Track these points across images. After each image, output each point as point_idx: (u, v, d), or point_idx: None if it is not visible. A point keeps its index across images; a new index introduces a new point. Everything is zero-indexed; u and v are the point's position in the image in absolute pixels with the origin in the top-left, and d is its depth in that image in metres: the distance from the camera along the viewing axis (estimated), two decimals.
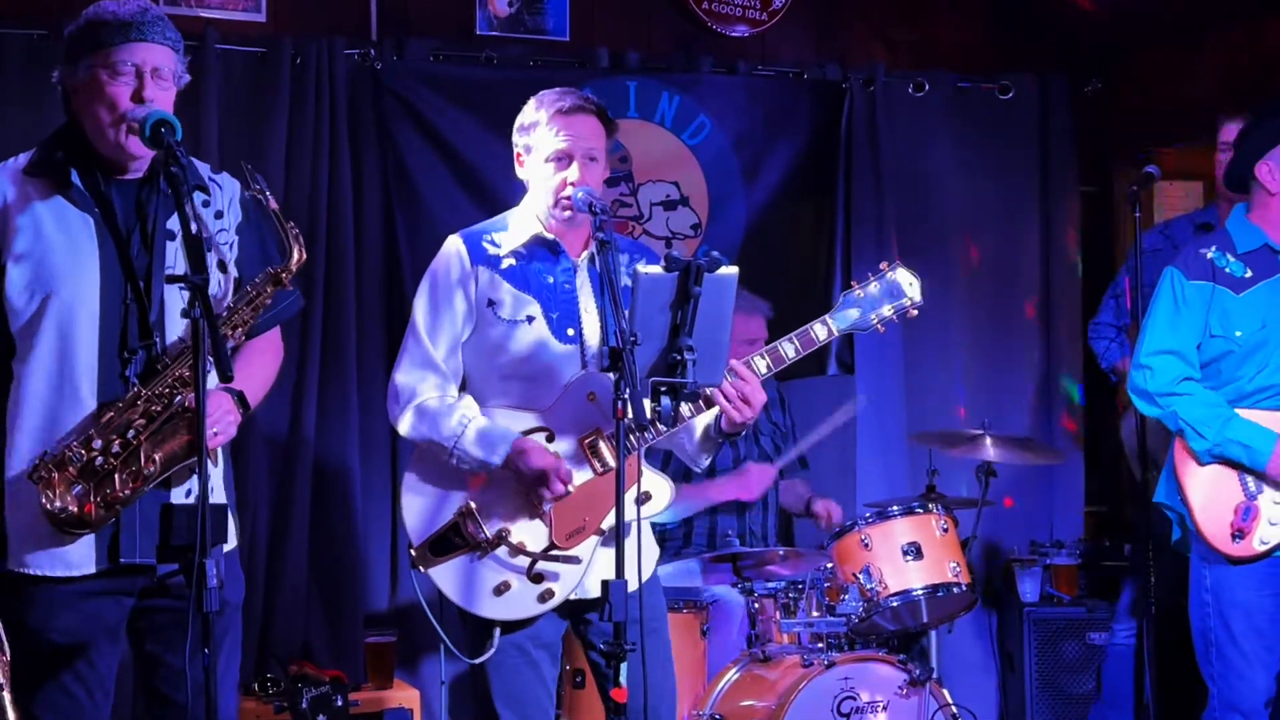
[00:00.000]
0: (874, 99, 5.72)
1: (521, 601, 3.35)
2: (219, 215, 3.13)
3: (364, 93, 5.18)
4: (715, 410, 3.40)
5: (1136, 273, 4.81)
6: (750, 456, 5.09)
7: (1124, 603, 5.21)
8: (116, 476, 2.95)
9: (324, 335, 5.08)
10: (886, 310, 3.51)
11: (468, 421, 3.35)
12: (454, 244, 3.47)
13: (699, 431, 3.52)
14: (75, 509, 2.93)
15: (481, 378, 3.46)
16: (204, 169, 3.16)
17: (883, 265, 3.55)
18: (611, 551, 3.08)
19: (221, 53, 5.00)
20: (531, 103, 3.47)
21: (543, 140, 3.40)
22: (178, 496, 3.05)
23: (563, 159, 3.39)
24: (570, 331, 3.41)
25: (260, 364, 3.24)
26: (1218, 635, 4.06)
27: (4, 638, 2.80)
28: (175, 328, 3.05)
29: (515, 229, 3.47)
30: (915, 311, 3.54)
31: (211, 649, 2.73)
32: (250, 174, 3.02)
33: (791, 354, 3.42)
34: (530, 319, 3.39)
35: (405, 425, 3.42)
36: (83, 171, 3.03)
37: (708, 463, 3.62)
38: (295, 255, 3.08)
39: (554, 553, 3.35)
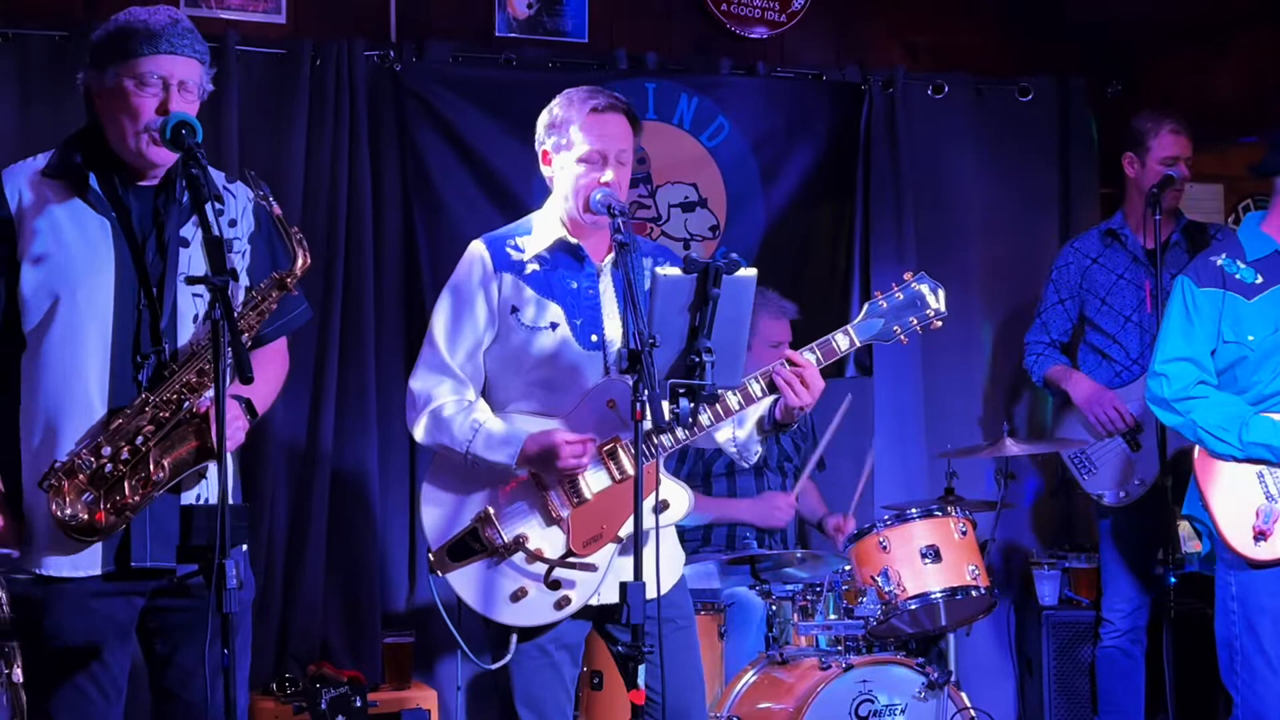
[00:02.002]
0: (893, 101, 5.71)
1: (538, 608, 3.35)
2: (233, 224, 3.14)
3: (384, 94, 5.18)
4: (767, 402, 3.40)
5: (1158, 279, 4.82)
6: (770, 456, 5.09)
7: (1105, 605, 5.21)
8: (126, 483, 2.96)
9: (342, 336, 5.09)
10: (910, 321, 3.49)
11: (479, 425, 3.35)
12: (477, 249, 3.46)
13: (750, 423, 3.51)
14: (86, 516, 2.94)
15: (504, 384, 3.46)
16: (219, 177, 3.15)
17: (906, 276, 3.53)
18: (630, 560, 3.08)
19: (242, 54, 5.01)
20: (559, 100, 3.44)
21: (575, 139, 3.38)
22: (187, 502, 3.06)
23: (595, 160, 3.37)
24: (594, 338, 3.40)
25: (268, 374, 3.23)
26: (1243, 643, 4.03)
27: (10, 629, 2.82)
28: (184, 334, 3.06)
29: (539, 233, 3.46)
30: (939, 323, 3.52)
31: (230, 649, 2.73)
32: (254, 180, 3.02)
33: (813, 363, 3.41)
34: (554, 325, 3.38)
35: (420, 431, 3.42)
36: (101, 175, 3.03)
37: (757, 457, 3.61)
38: (300, 260, 3.08)
39: (571, 560, 3.34)
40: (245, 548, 3.18)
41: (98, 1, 4.81)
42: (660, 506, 3.28)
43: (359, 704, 4.52)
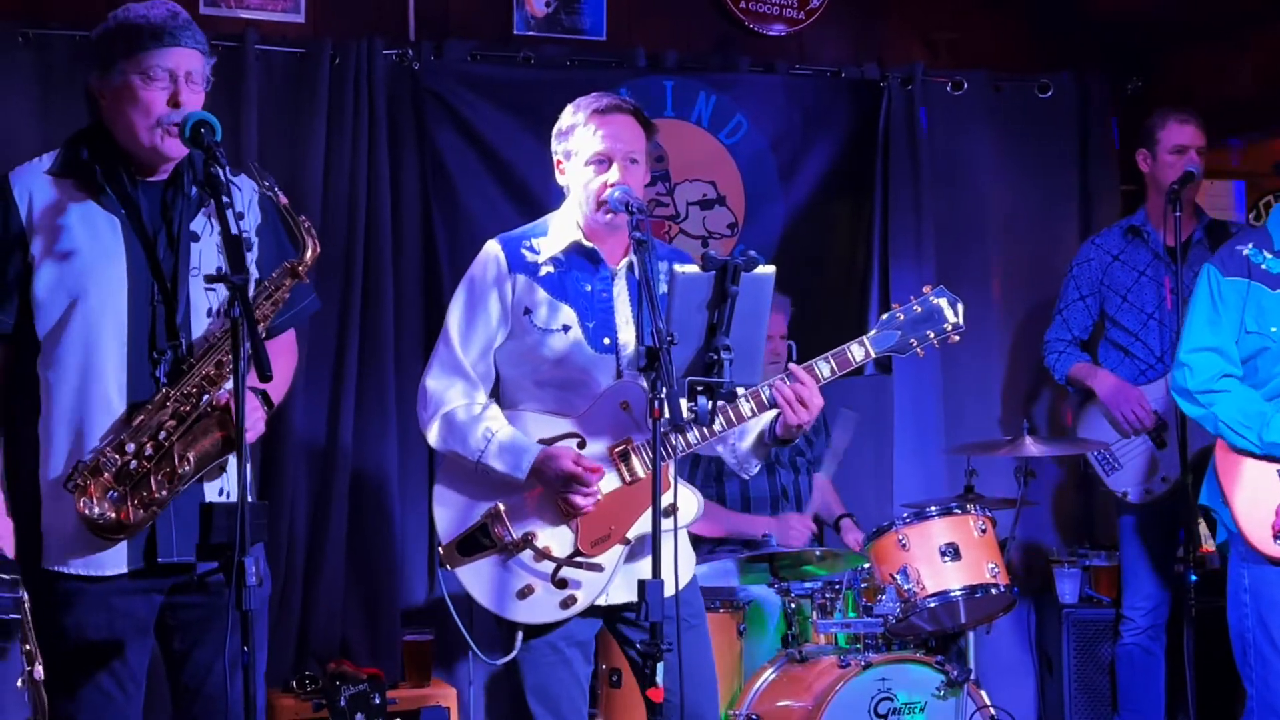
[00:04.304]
0: (912, 97, 5.70)
1: (544, 606, 3.36)
2: (240, 217, 3.13)
3: (402, 93, 5.19)
4: (769, 416, 3.40)
5: (1178, 276, 4.80)
6: (783, 453, 5.08)
7: (1126, 603, 5.19)
8: (152, 479, 2.97)
9: (362, 334, 5.09)
10: (927, 335, 3.49)
11: (492, 435, 3.36)
12: (493, 249, 3.46)
13: (752, 436, 3.51)
14: (113, 514, 2.95)
15: (515, 384, 3.47)
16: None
17: (925, 289, 3.53)
18: (636, 566, 3.08)
19: (261, 53, 5.03)
20: (569, 108, 3.46)
21: (581, 143, 3.39)
22: (210, 494, 3.08)
23: (603, 161, 3.38)
24: (606, 341, 3.41)
25: (279, 365, 3.23)
26: (1256, 636, 4.02)
27: (31, 627, 2.82)
28: (199, 328, 3.07)
29: (555, 235, 3.46)
30: (957, 337, 3.52)
31: (251, 646, 2.74)
32: (259, 171, 3.03)
33: (827, 373, 3.40)
34: (566, 327, 3.39)
35: (433, 436, 3.44)
36: (109, 173, 3.04)
37: (756, 469, 3.62)
38: (310, 249, 3.08)
39: (578, 559, 3.35)
40: (262, 545, 3.18)
41: (118, 1, 4.82)
42: (670, 510, 3.28)
43: (378, 701, 4.53)
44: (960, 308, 3.51)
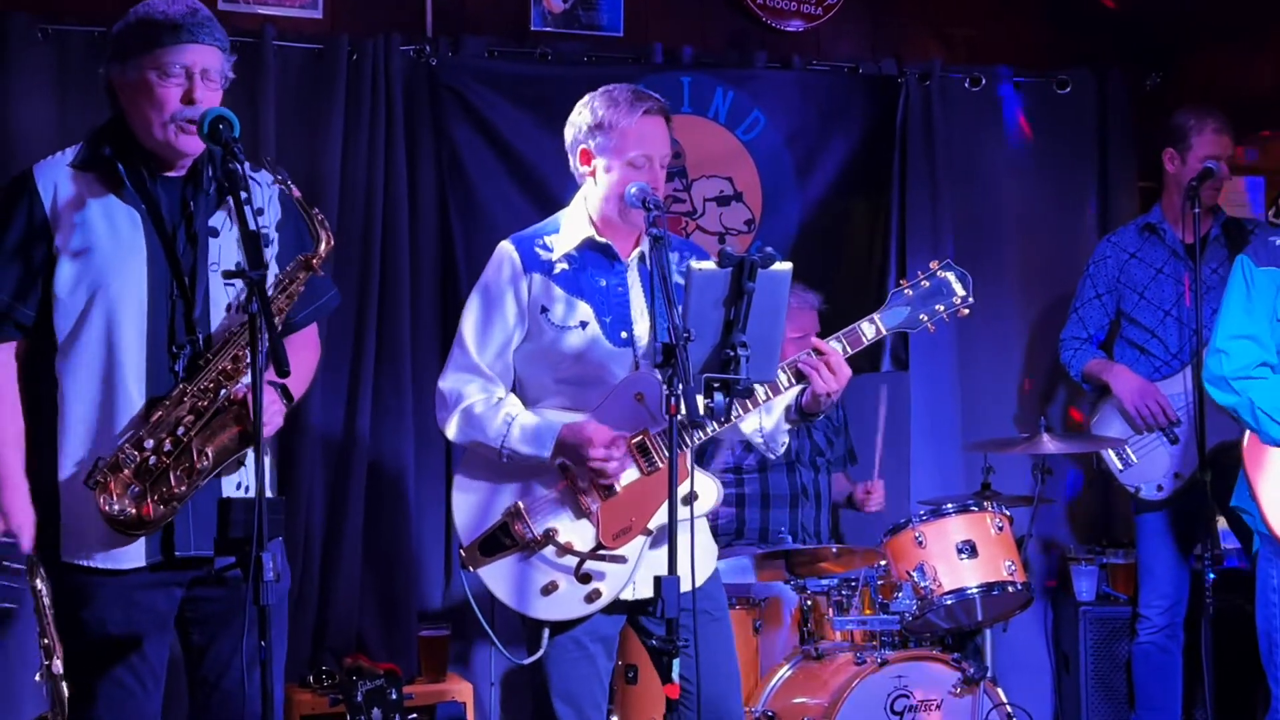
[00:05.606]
0: (929, 94, 5.69)
1: (569, 602, 3.36)
2: (259, 213, 3.12)
3: (419, 89, 5.19)
4: (794, 391, 3.39)
5: (1197, 273, 4.78)
6: (803, 451, 5.08)
7: (1143, 601, 5.18)
8: (171, 474, 2.98)
9: (379, 330, 5.10)
10: (937, 309, 3.48)
11: (512, 419, 3.36)
12: (507, 249, 3.46)
13: (777, 412, 3.50)
14: (134, 510, 2.96)
15: (534, 381, 3.47)
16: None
17: (933, 264, 3.53)
18: (660, 554, 3.07)
19: (279, 49, 5.03)
20: (601, 100, 3.42)
21: (624, 142, 3.36)
22: (228, 488, 3.09)
23: (643, 164, 3.37)
24: (623, 335, 3.41)
25: (301, 358, 3.24)
26: None
27: (50, 620, 2.83)
28: (218, 323, 3.08)
29: (567, 232, 3.46)
30: (966, 310, 3.51)
31: (268, 641, 2.75)
32: (273, 165, 3.03)
33: (840, 352, 3.40)
34: (583, 324, 3.39)
35: (453, 430, 3.43)
36: (129, 167, 3.05)
37: (784, 447, 3.61)
38: (324, 242, 3.09)
39: (601, 552, 3.35)
40: (281, 540, 3.19)
41: None
42: (690, 498, 3.28)
43: (394, 696, 4.54)
44: (969, 281, 3.50)
